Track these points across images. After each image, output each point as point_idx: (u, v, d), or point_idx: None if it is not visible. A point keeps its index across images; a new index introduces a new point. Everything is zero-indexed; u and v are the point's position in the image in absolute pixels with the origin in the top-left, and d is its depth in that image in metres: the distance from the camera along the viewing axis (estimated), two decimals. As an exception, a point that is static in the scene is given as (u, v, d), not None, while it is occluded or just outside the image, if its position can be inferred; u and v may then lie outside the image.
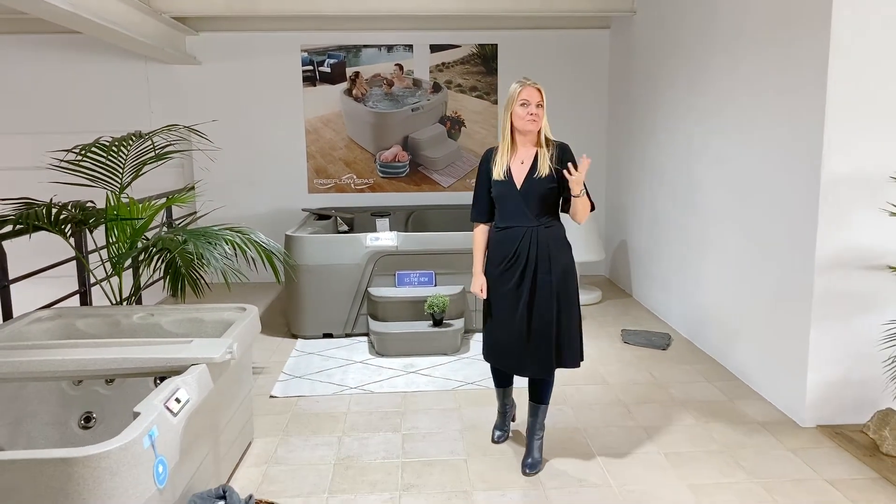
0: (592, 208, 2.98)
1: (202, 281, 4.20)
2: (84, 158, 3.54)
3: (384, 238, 5.08)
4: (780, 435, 3.39)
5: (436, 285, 5.06)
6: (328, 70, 6.83)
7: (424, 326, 4.75)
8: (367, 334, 5.08)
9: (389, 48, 6.84)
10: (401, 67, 6.87)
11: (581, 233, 5.64)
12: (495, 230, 3.07)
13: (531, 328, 2.94)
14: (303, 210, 6.65)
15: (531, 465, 3.03)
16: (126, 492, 1.87)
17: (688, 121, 4.88)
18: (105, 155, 3.57)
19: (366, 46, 6.82)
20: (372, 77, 6.87)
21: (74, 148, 3.56)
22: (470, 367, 4.41)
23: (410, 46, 6.85)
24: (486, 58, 6.90)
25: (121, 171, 3.71)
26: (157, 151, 3.73)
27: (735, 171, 4.16)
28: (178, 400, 2.24)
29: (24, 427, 2.90)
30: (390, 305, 4.90)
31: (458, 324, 4.79)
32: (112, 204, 3.82)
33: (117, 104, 6.69)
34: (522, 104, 2.90)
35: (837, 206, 3.29)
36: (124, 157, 3.65)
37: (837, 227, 3.30)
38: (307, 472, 3.08)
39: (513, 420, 3.46)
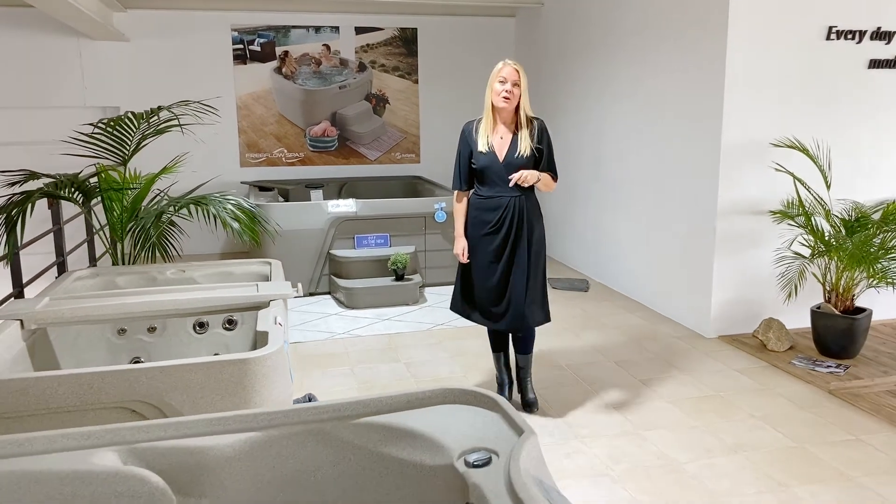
0: (556, 178, 3.32)
1: (172, 249, 4.56)
2: (100, 132, 3.81)
3: (343, 205, 5.61)
4: (693, 343, 4.40)
5: (391, 246, 5.68)
6: (258, 49, 7.14)
7: (388, 281, 5.37)
8: (329, 292, 5.61)
9: (317, 29, 7.26)
10: (328, 47, 7.31)
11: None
12: (477, 198, 3.32)
13: (507, 288, 3.25)
14: (241, 183, 6.95)
15: (532, 403, 3.42)
16: (279, 385, 2.41)
17: (601, 102, 5.81)
18: (123, 128, 3.86)
19: (294, 27, 7.19)
20: (301, 56, 7.25)
21: (100, 121, 3.83)
22: (434, 313, 5.10)
23: (337, 28, 7.30)
24: (406, 40, 7.51)
25: (129, 144, 4.00)
26: (159, 127, 4.04)
27: (646, 144, 5.14)
28: (280, 323, 2.76)
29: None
30: (353, 265, 5.46)
31: (417, 278, 5.46)
32: (113, 177, 4.10)
33: (51, 80, 6.64)
34: (501, 81, 3.14)
35: (733, 167, 4.31)
36: (134, 130, 3.95)
37: (733, 183, 4.33)
38: (338, 393, 3.66)
39: (508, 398, 3.52)
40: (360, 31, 7.37)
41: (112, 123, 3.81)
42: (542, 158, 3.25)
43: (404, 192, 7.26)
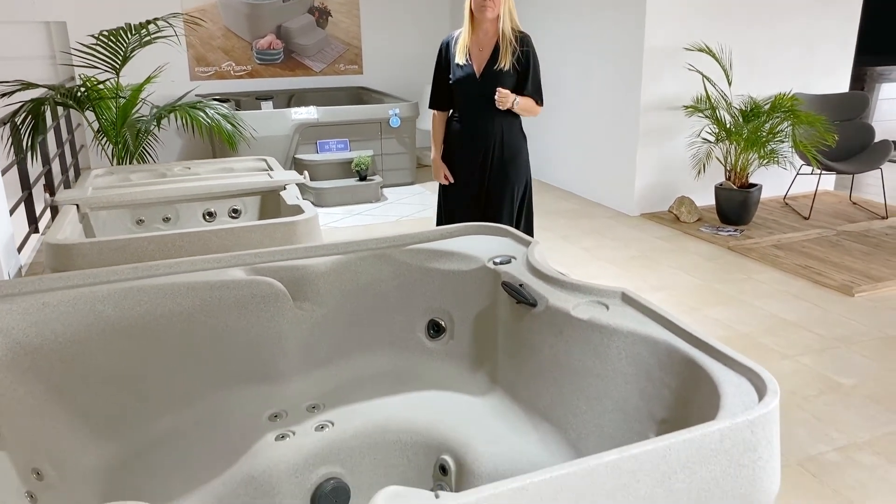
0: (540, 103, 3.06)
1: (149, 156, 4.97)
2: (99, 44, 4.13)
3: (305, 112, 6.06)
4: (620, 221, 5.26)
5: (350, 150, 6.21)
6: (201, -39, 7.23)
7: (352, 181, 5.94)
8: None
9: (258, -59, 7.40)
10: (270, -40, 7.48)
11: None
12: (454, 119, 3.11)
13: (487, 214, 3.10)
14: (196, 95, 7.20)
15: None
16: (315, 242, 3.03)
17: (536, 5, 6.41)
18: (116, 41, 4.18)
19: (235, -61, 7.31)
20: (243, -31, 7.41)
21: (101, 33, 4.13)
22: (397, 208, 5.74)
23: (277, -60, 7.46)
24: (346, -47, 7.76)
25: (122, 55, 4.33)
26: (149, 37, 4.38)
27: (577, 50, 5.82)
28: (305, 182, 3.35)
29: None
30: (318, 167, 5.98)
31: (378, 178, 6.05)
32: (101, 88, 4.43)
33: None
34: None
35: (653, 68, 5.07)
36: (126, 42, 4.27)
37: (654, 83, 5.10)
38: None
39: None
40: (300, -57, 7.55)
41: (109, 36, 4.13)
42: (524, 78, 2.99)
43: (350, 101, 7.68)
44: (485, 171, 3.09)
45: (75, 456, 1.98)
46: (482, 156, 3.06)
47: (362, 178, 5.95)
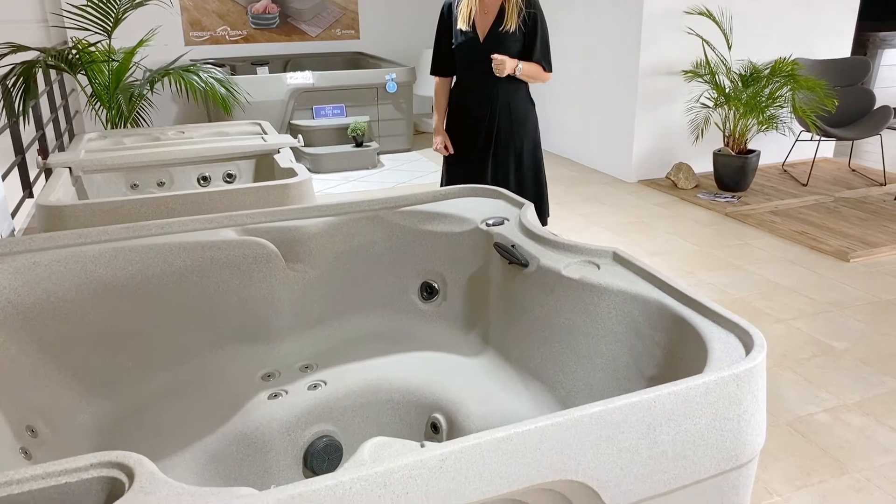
0: (548, 69, 2.94)
1: (142, 120, 4.93)
2: (90, 4, 4.06)
3: (301, 77, 5.99)
4: (618, 187, 5.24)
5: (347, 116, 6.15)
6: (193, -78, 7.09)
7: (348, 148, 5.89)
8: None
9: None
10: (264, -79, 7.33)
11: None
12: (456, 86, 2.99)
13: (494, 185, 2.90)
14: (191, 61, 7.11)
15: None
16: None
17: None
18: (107, 1, 4.11)
19: None
20: (237, -70, 7.26)
21: None
22: (394, 175, 5.71)
23: None
24: (342, -86, 7.60)
25: (113, 16, 4.26)
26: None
27: (577, 16, 5.74)
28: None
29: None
30: (315, 133, 5.94)
31: (374, 145, 6.00)
32: (92, 51, 4.37)
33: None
34: None
35: (652, 33, 5.00)
36: (118, 4, 4.21)
37: (653, 48, 5.04)
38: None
39: None
40: None
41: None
42: (531, 42, 2.84)
43: (346, 67, 7.59)
44: (490, 140, 2.95)
45: (69, 413, 2.00)
46: (487, 124, 2.92)
47: (359, 145, 5.91)
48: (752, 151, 4.91)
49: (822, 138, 5.11)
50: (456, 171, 3.06)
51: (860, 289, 3.45)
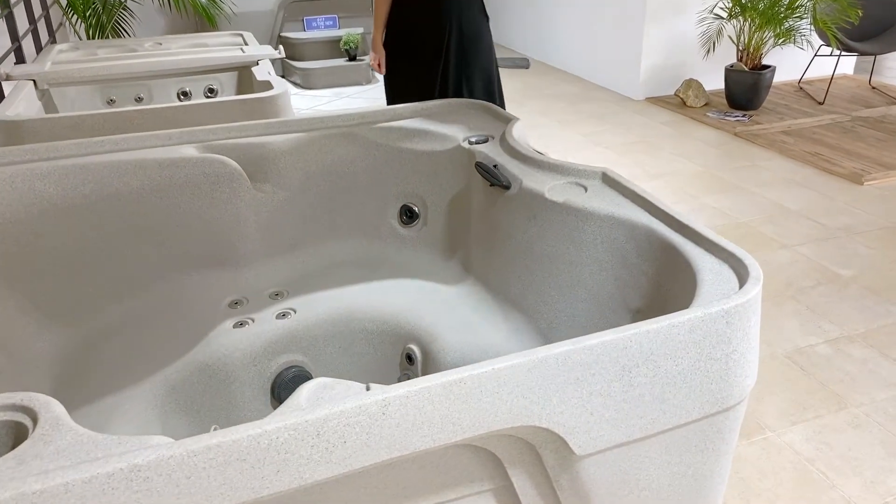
0: None
1: (124, 32, 4.67)
2: None
3: (291, -15, 5.65)
4: (624, 105, 4.98)
5: (339, 28, 5.84)
6: None
7: (341, 62, 5.61)
8: (283, 76, 5.82)
9: None
10: None
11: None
12: None
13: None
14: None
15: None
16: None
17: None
18: None
19: None
20: None
21: None
22: (389, 90, 5.45)
23: None
24: None
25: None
26: None
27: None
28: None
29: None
30: (306, 46, 5.64)
31: (368, 58, 5.71)
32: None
33: None
34: None
35: (666, -65, 4.63)
36: None
37: (665, -49, 4.68)
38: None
39: None
40: None
41: None
42: None
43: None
44: (439, 60, 2.66)
45: (26, 342, 1.89)
46: (436, 41, 2.63)
47: (352, 58, 5.62)
48: (766, 67, 4.62)
49: (843, 53, 4.80)
50: (400, 94, 2.77)
51: (873, 213, 3.27)
